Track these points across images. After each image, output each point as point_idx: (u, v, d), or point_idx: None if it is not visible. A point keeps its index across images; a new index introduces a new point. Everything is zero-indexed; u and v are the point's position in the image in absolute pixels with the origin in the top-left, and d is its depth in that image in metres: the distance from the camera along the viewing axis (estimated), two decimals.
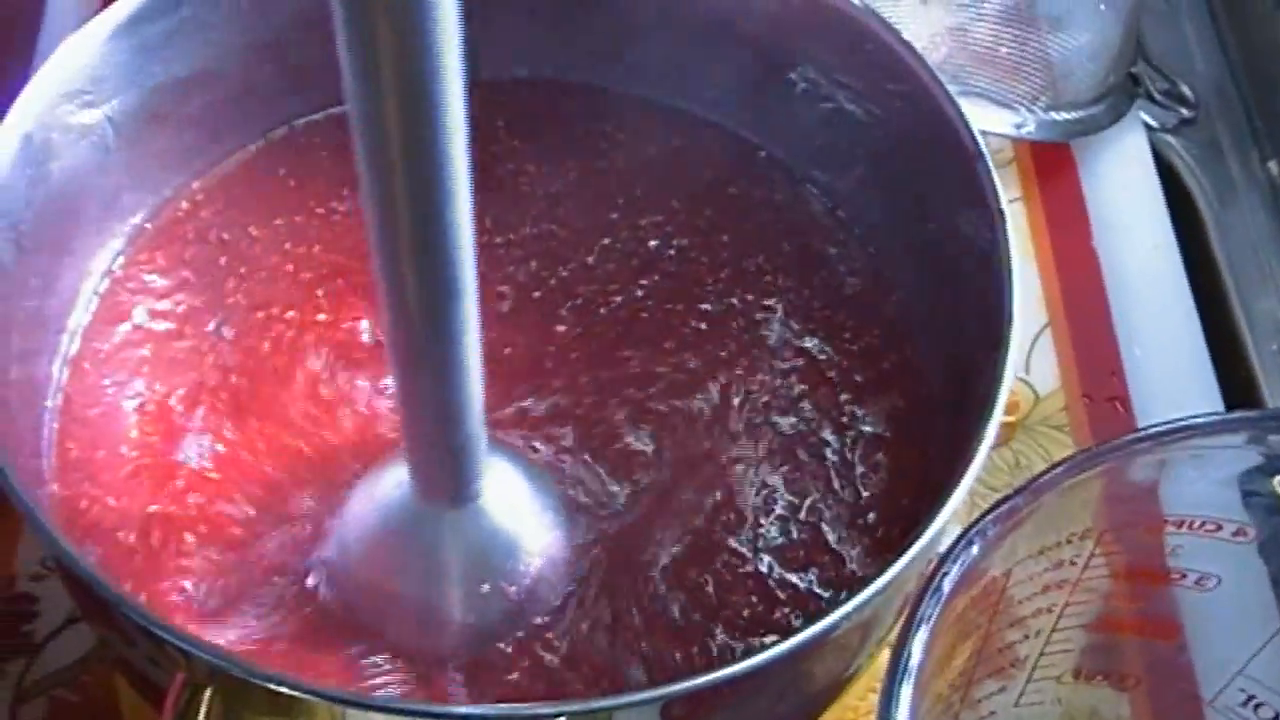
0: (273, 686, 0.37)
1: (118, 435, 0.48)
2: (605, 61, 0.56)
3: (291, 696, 0.36)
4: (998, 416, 0.41)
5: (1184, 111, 0.69)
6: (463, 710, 0.39)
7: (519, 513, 0.44)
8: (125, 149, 0.50)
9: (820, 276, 0.53)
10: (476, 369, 0.36)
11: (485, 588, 0.43)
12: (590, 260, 0.53)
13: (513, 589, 0.44)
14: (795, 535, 0.48)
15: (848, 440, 0.50)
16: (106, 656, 0.51)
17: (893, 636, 0.46)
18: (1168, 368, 0.62)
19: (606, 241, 0.53)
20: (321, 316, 0.51)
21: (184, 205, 0.53)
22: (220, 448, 0.48)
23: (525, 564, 0.44)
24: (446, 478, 0.40)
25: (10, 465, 0.40)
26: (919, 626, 0.36)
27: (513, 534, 0.44)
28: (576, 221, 0.54)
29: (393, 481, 0.43)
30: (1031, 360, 0.62)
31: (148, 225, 0.52)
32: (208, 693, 0.37)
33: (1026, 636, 0.44)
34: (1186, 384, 0.62)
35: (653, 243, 0.53)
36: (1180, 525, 0.40)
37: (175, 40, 0.50)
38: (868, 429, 0.50)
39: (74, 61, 0.47)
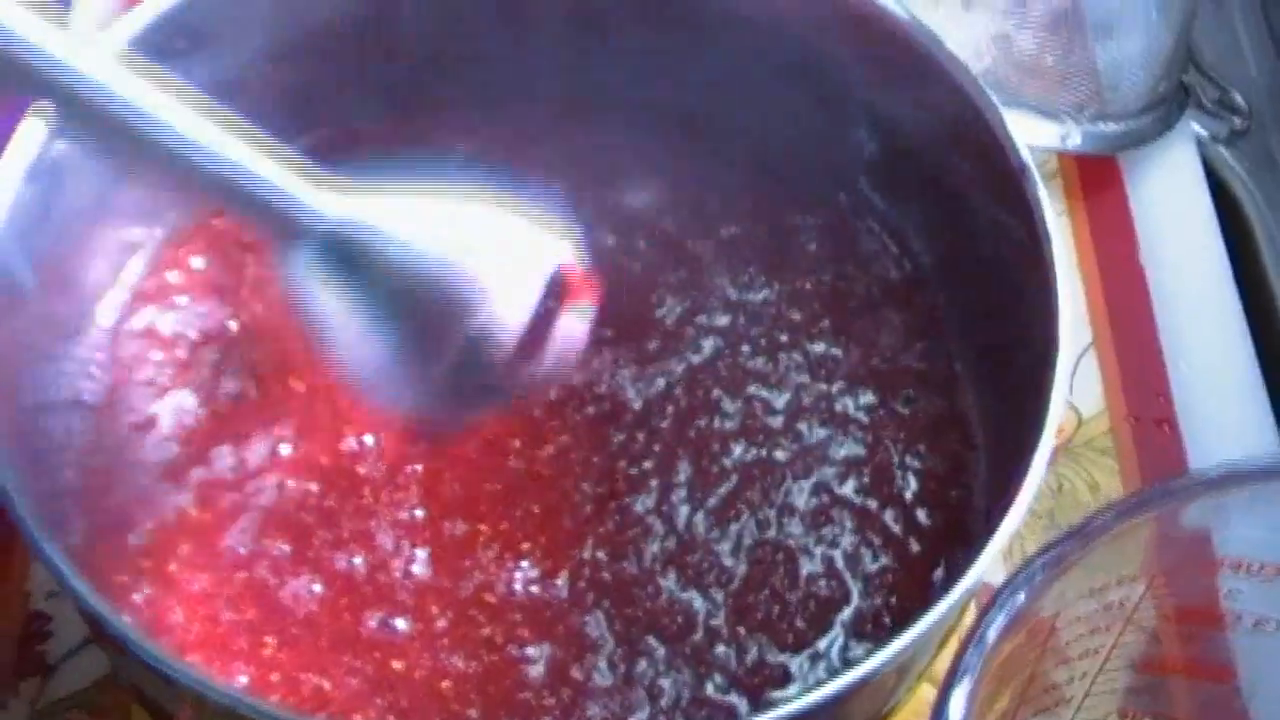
0: None
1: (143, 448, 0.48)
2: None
3: None
4: (1042, 461, 0.40)
5: (1236, 121, 0.67)
6: None
7: None
8: None
9: (861, 301, 0.53)
10: None
11: None
12: None
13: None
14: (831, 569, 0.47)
15: (893, 478, 0.49)
16: (122, 680, 0.50)
17: (933, 670, 0.45)
18: (1218, 388, 0.60)
19: None
20: None
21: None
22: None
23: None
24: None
25: (21, 493, 0.39)
26: (962, 678, 0.34)
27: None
28: None
29: None
30: (1075, 380, 0.60)
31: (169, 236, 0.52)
32: None
33: (1073, 678, 0.42)
34: (1237, 405, 0.60)
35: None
36: (1237, 568, 0.39)
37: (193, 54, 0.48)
38: (914, 464, 0.49)
39: None
